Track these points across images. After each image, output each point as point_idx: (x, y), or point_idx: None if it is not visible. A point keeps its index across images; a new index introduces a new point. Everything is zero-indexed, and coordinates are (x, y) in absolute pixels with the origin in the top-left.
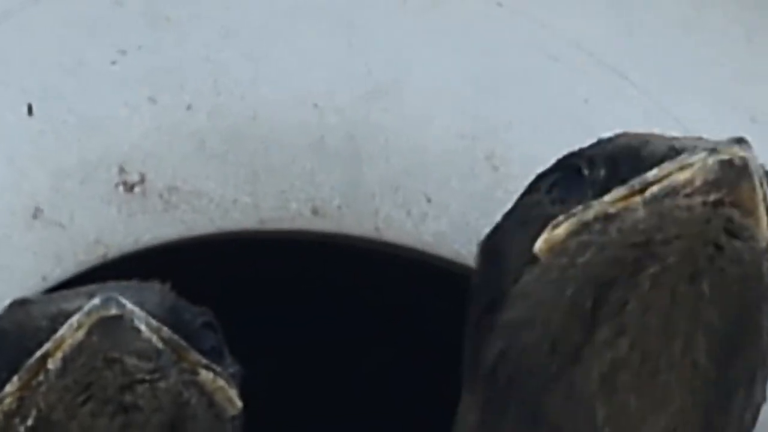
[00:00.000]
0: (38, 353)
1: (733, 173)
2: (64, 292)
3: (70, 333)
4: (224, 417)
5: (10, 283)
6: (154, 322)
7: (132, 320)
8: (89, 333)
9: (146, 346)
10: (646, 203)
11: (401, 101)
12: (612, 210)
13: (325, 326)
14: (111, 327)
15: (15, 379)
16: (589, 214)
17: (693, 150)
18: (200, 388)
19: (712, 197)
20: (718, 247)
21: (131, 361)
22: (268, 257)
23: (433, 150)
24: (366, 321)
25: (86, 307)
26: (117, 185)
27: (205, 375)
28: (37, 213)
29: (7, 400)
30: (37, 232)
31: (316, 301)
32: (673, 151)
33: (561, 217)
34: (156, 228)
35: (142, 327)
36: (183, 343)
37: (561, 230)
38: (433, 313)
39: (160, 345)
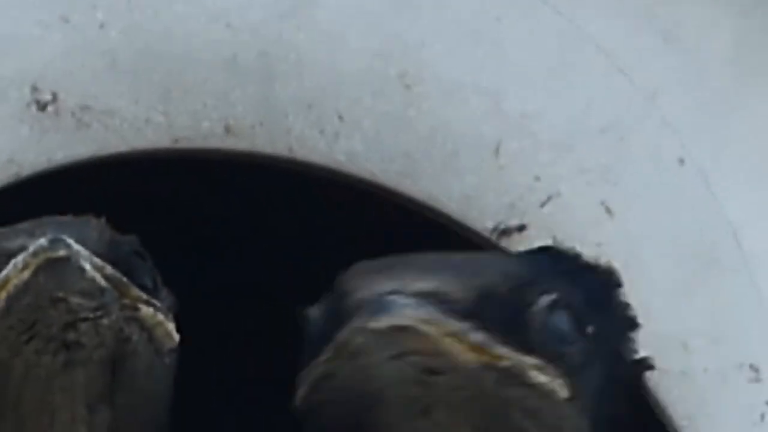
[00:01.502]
0: None
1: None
2: (1, 230)
3: (15, 273)
4: (163, 351)
5: None
6: (98, 261)
7: (78, 260)
8: (35, 273)
9: (90, 285)
10: None
11: (314, 19)
12: None
13: (238, 245)
14: (57, 268)
15: None
16: None
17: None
18: (141, 324)
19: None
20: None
21: (75, 299)
22: (180, 176)
23: (346, 68)
24: (278, 239)
25: (32, 248)
26: (29, 104)
27: (145, 310)
28: None
29: None
30: None
31: (229, 220)
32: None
33: None
34: (69, 147)
35: (87, 266)
36: (124, 279)
37: None
38: (344, 231)
39: (103, 283)
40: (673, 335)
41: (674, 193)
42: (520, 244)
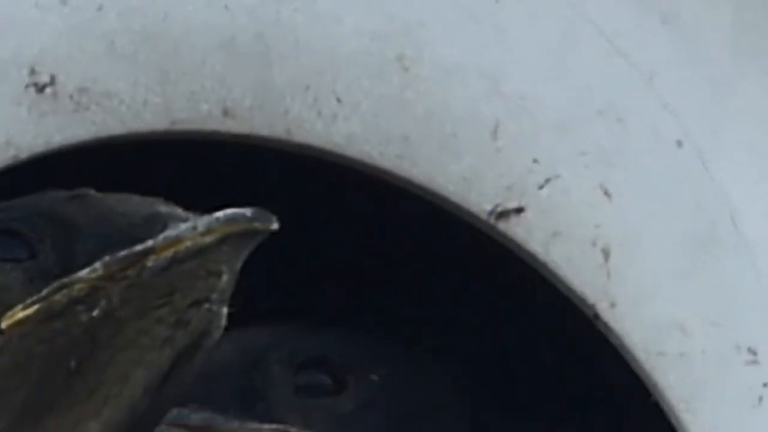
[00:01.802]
0: (138, 248)
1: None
2: (130, 197)
3: (191, 235)
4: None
5: None
6: None
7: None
8: (222, 241)
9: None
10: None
11: (312, 1)
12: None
13: None
14: (247, 241)
15: (97, 266)
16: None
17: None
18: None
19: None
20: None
21: (226, 279)
22: (179, 158)
23: (344, 51)
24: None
25: (225, 215)
26: (27, 86)
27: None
28: None
29: (78, 286)
30: None
31: (227, 203)
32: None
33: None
34: (67, 129)
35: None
36: None
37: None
38: (343, 213)
39: None
40: (670, 318)
41: (673, 174)
42: (517, 226)
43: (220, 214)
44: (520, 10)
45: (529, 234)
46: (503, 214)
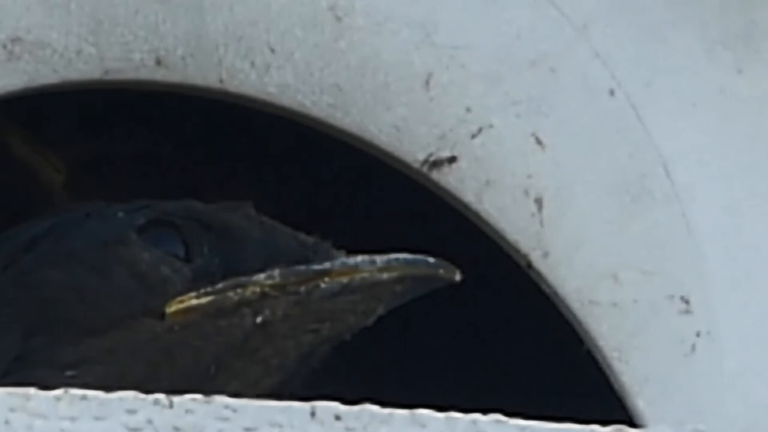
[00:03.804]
0: (318, 267)
1: None
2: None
3: (369, 267)
4: None
5: None
6: None
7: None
8: (399, 279)
9: None
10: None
11: None
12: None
13: (171, 176)
14: (423, 286)
15: (275, 273)
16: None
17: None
18: None
19: None
20: None
21: (373, 317)
22: (112, 107)
23: (277, 0)
24: (207, 170)
25: (407, 258)
26: None
27: None
28: None
29: (252, 288)
30: None
31: (160, 152)
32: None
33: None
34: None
35: None
36: None
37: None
38: (275, 163)
39: None
40: (603, 267)
41: (605, 124)
42: (450, 175)
43: (398, 255)
44: None
45: (462, 183)
46: (436, 164)
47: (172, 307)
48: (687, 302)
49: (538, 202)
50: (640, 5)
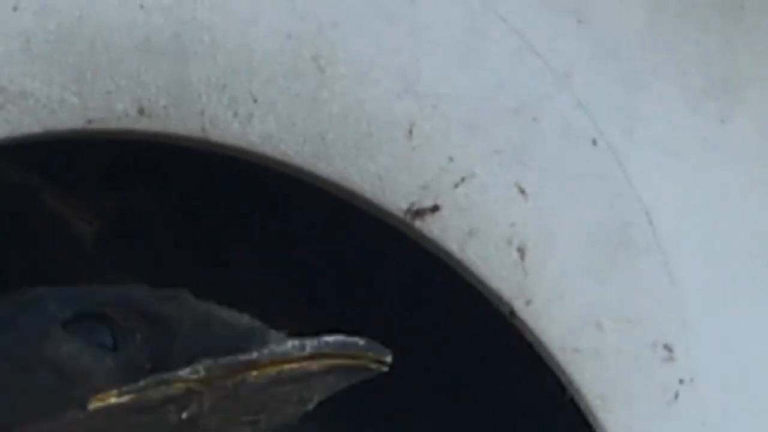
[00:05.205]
0: (243, 357)
1: None
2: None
3: (297, 356)
4: None
5: None
6: None
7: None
8: (329, 371)
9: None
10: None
11: (227, 0)
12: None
13: (153, 226)
14: (354, 375)
15: (199, 368)
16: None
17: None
18: None
19: None
20: None
21: (312, 406)
22: (94, 157)
23: (260, 49)
24: (190, 219)
25: (338, 341)
26: None
27: None
28: None
29: (177, 385)
30: None
31: (143, 201)
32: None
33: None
34: None
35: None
36: None
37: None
38: (258, 212)
39: None
40: (586, 315)
41: (587, 173)
42: (433, 224)
43: (330, 338)
44: (433, 9)
45: (445, 232)
46: (419, 213)
47: (94, 404)
48: (670, 350)
49: (521, 250)
50: (622, 54)
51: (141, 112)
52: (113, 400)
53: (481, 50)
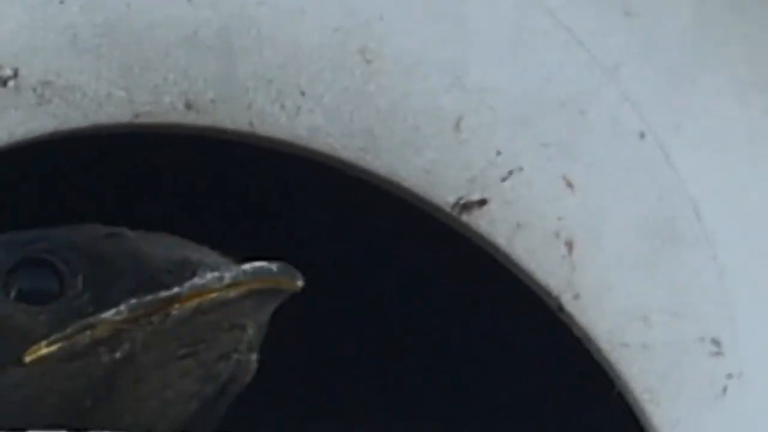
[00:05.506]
0: (164, 294)
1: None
2: (163, 237)
3: (217, 286)
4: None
5: None
6: None
7: (288, 294)
8: (246, 295)
9: (266, 320)
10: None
11: None
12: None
13: (198, 219)
14: (271, 298)
15: (122, 308)
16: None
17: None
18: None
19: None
20: None
21: (251, 332)
22: (141, 151)
23: (306, 43)
24: (240, 213)
25: (252, 268)
26: None
27: None
28: None
29: (102, 327)
30: None
31: (188, 195)
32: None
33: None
34: (29, 122)
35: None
36: None
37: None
38: (305, 206)
39: None
40: (634, 309)
41: (634, 166)
42: (480, 218)
43: (247, 266)
44: (481, 3)
45: (493, 226)
46: (466, 207)
47: (27, 358)
48: (718, 344)
49: (569, 244)
50: (670, 47)
51: (188, 106)
52: (44, 351)
53: (529, 44)
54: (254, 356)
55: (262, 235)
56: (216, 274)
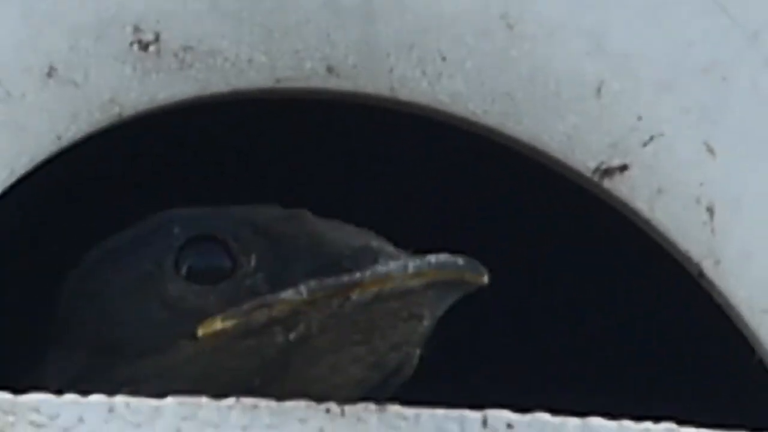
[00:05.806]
0: (346, 278)
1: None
2: (343, 225)
3: (401, 274)
4: None
5: (24, 142)
6: None
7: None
8: (429, 286)
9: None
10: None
11: None
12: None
13: (340, 185)
14: (455, 290)
15: (301, 289)
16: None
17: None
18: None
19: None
20: None
21: (427, 324)
22: (283, 116)
23: (448, 7)
24: (380, 179)
25: (439, 260)
26: (132, 44)
27: None
28: (51, 71)
29: (279, 307)
30: (51, 91)
31: (330, 161)
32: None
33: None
34: (170, 87)
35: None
36: None
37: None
38: (446, 172)
39: None
40: None
41: None
42: (621, 183)
43: (432, 257)
44: None
45: (634, 192)
46: (607, 172)
47: (201, 331)
48: None
49: (710, 210)
50: None
51: (330, 71)
52: (219, 325)
53: (671, 9)
54: (419, 351)
55: (403, 199)
56: (400, 262)
